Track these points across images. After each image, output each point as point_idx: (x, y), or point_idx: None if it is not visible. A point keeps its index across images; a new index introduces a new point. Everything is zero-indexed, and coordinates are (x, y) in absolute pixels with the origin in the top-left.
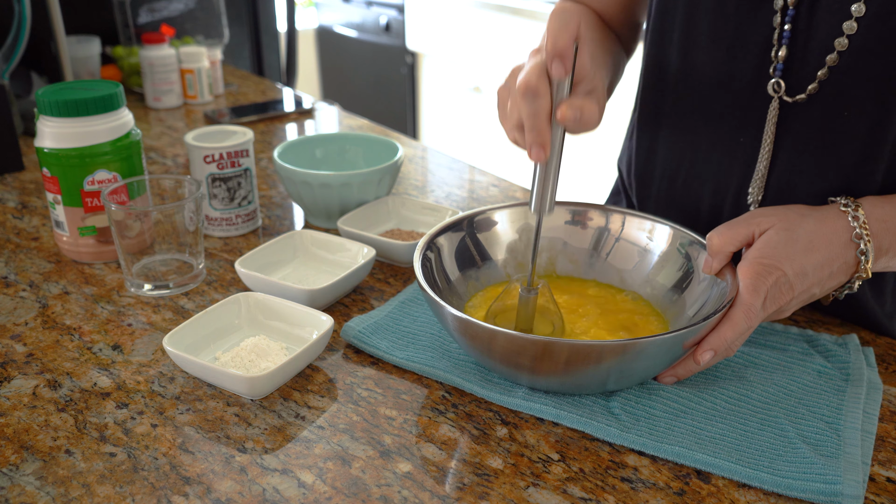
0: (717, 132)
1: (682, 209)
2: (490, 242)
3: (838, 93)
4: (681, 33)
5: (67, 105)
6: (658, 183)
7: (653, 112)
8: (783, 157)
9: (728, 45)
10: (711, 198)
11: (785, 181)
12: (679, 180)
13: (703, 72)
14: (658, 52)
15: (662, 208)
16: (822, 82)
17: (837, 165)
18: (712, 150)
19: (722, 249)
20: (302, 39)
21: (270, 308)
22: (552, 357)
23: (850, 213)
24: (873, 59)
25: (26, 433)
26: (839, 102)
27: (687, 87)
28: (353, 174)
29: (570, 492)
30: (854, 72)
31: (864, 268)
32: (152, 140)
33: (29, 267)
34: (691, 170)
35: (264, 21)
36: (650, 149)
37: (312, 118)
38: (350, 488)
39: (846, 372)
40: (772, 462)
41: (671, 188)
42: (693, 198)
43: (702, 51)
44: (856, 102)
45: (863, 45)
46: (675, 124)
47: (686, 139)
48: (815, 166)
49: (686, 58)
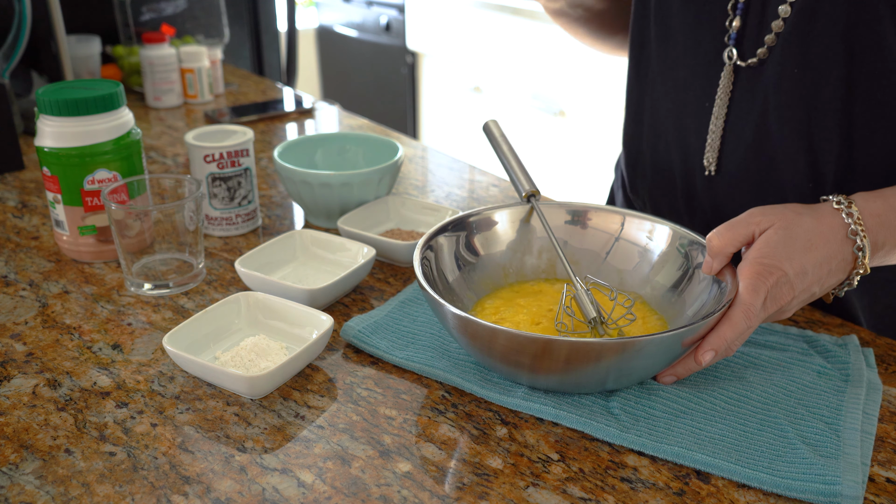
0: (686, 98)
1: (663, 177)
2: (490, 242)
3: (784, 56)
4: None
5: (68, 104)
6: (643, 153)
7: (639, 80)
8: (739, 122)
9: (694, 14)
10: (683, 164)
11: (745, 147)
12: (661, 147)
13: (675, 39)
14: (640, 24)
15: (647, 178)
16: (771, 48)
17: (791, 128)
18: (684, 116)
19: (722, 250)
20: (302, 39)
21: (270, 308)
22: (552, 355)
23: (843, 209)
24: (812, 24)
25: (26, 432)
26: (784, 65)
27: (663, 54)
28: (353, 174)
29: (570, 492)
30: (796, 36)
31: (861, 263)
32: (152, 139)
33: (29, 266)
34: (669, 137)
35: (265, 20)
36: (637, 118)
37: (313, 118)
38: (350, 488)
39: (846, 372)
40: (771, 462)
41: (654, 155)
42: (670, 164)
43: (674, 18)
44: (802, 64)
45: (803, 9)
46: (657, 91)
47: (665, 106)
48: (772, 131)
49: (661, 26)
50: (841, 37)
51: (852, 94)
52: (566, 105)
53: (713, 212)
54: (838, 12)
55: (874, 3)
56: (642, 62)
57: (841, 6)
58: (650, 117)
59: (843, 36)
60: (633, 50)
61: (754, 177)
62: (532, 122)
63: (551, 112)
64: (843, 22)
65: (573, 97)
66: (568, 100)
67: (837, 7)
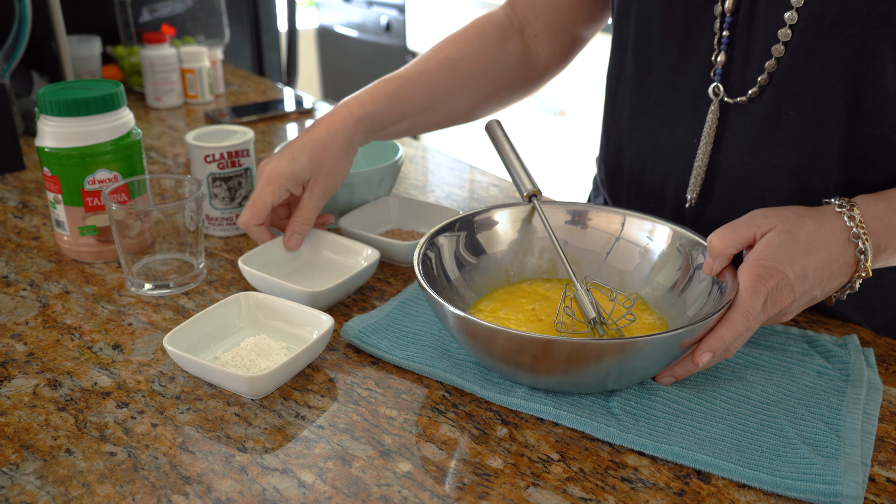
0: (673, 133)
1: (650, 205)
2: (490, 242)
3: (779, 96)
4: (635, 38)
5: (68, 104)
6: (627, 180)
7: (618, 114)
8: (729, 157)
9: (678, 49)
10: (674, 197)
11: (734, 180)
12: (646, 177)
13: (657, 75)
14: (619, 58)
15: (633, 203)
16: (763, 87)
17: (785, 164)
18: (671, 150)
19: (723, 252)
20: (303, 39)
21: (271, 308)
22: (552, 355)
23: (845, 213)
24: (809, 63)
25: (26, 432)
26: (780, 105)
27: (644, 90)
28: (353, 174)
29: (571, 492)
30: (792, 76)
31: (863, 266)
32: (153, 140)
33: (29, 266)
34: (654, 168)
35: (265, 21)
36: (617, 149)
37: (313, 118)
38: (350, 488)
39: (846, 372)
40: (771, 462)
41: (638, 185)
42: (658, 195)
43: (655, 54)
44: (796, 104)
45: (798, 49)
46: (638, 125)
47: (648, 139)
48: (762, 165)
49: (641, 62)
50: (840, 76)
51: (851, 132)
52: (566, 105)
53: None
54: (836, 52)
55: (874, 40)
56: (618, 96)
57: (839, 46)
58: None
59: (842, 75)
60: (609, 83)
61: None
62: (532, 122)
63: (551, 112)
64: (842, 62)
65: (573, 97)
66: (568, 100)
67: (835, 47)
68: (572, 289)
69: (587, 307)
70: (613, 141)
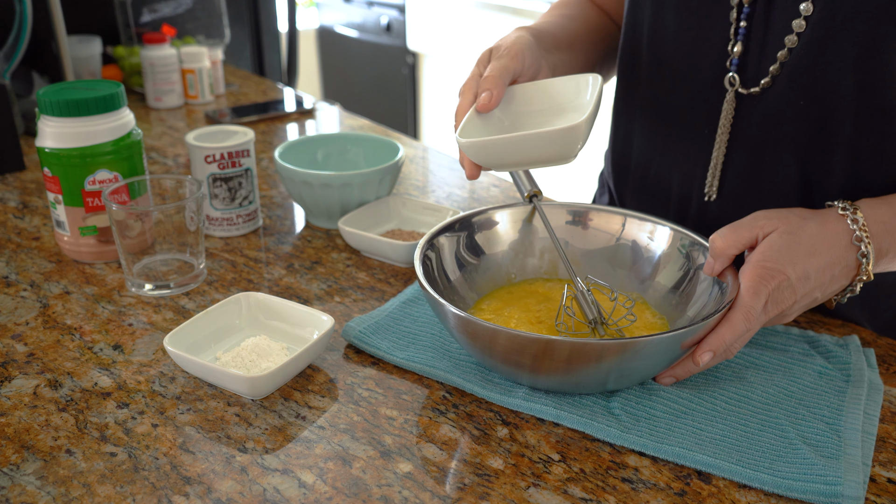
0: (684, 124)
1: (655, 198)
2: (490, 242)
3: (790, 87)
4: (650, 27)
5: (69, 105)
6: (633, 172)
7: (628, 103)
8: (739, 149)
9: (692, 39)
10: (679, 188)
11: (741, 173)
12: (652, 170)
13: (670, 65)
14: (631, 46)
15: (637, 197)
16: (775, 77)
17: (792, 158)
18: (680, 141)
19: (725, 252)
20: (303, 39)
21: (271, 308)
22: (553, 356)
23: (848, 216)
24: (820, 56)
25: (27, 433)
26: (790, 96)
27: (656, 80)
28: (353, 174)
29: (571, 492)
30: (803, 67)
31: (865, 270)
32: (153, 140)
33: (30, 267)
34: (663, 160)
35: (265, 21)
36: (626, 139)
37: (313, 118)
38: (350, 488)
39: (847, 373)
40: (772, 463)
41: (645, 177)
42: (664, 187)
43: (668, 44)
44: (806, 96)
45: (811, 41)
46: (648, 116)
47: (658, 130)
48: (770, 159)
49: (655, 51)
50: (850, 69)
51: (859, 125)
52: None
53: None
54: (848, 46)
55: (885, 37)
56: (630, 85)
57: (851, 41)
58: (640, 141)
59: (853, 68)
60: (621, 73)
61: (752, 203)
62: None
63: None
64: (853, 55)
65: None
66: None
67: (847, 42)
68: (573, 289)
69: (588, 307)
70: (622, 131)
